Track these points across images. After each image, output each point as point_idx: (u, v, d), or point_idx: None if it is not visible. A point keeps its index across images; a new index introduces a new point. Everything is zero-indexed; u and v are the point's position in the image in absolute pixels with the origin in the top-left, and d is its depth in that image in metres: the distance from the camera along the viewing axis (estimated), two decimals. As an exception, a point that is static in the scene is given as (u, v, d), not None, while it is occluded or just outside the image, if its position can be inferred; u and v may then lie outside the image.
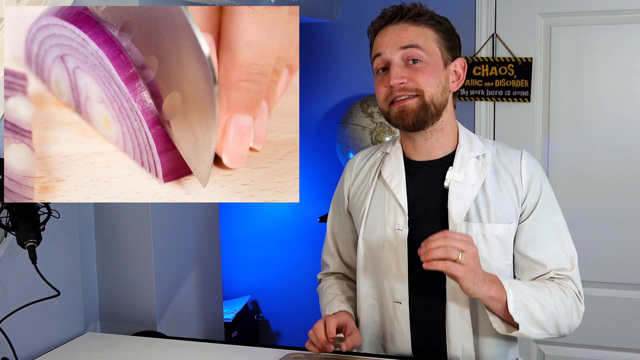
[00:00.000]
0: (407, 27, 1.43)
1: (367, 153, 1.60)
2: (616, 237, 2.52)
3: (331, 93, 2.91)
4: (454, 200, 1.43)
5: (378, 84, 1.45)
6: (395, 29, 1.43)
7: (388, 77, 1.41)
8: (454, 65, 1.46)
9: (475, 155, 1.46)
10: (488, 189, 1.44)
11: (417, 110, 1.40)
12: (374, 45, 1.47)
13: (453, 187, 1.44)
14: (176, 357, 1.52)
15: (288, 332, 3.15)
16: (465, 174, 1.44)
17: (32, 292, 1.46)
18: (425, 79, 1.40)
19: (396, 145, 1.53)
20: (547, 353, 2.64)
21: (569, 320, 1.42)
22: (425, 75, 1.40)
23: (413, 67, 1.41)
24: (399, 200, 1.46)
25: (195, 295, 2.01)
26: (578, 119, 2.54)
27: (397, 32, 1.42)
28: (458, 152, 1.47)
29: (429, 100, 1.40)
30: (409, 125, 1.42)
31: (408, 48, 1.41)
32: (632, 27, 2.45)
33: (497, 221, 1.43)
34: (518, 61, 2.56)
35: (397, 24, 1.43)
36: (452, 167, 1.45)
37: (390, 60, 1.42)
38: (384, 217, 1.47)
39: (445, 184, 1.44)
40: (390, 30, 1.43)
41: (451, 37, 1.46)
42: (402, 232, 1.44)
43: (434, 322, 1.45)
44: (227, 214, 3.10)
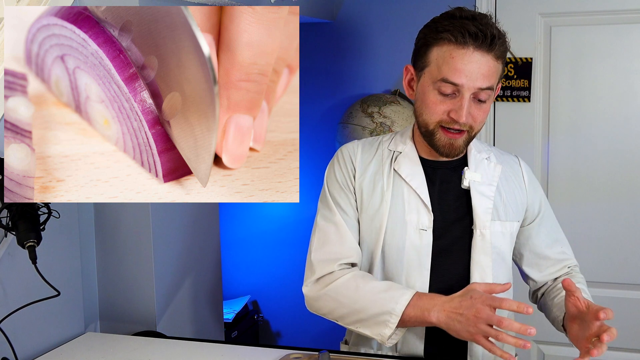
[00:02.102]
0: (489, 61, 1.33)
1: (369, 146, 1.53)
2: (616, 237, 2.52)
3: (331, 93, 2.91)
4: (477, 199, 1.45)
5: (437, 102, 1.36)
6: (480, 59, 1.32)
7: (454, 106, 1.35)
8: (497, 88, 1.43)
9: (485, 157, 1.50)
10: (501, 189, 1.48)
11: (463, 145, 1.41)
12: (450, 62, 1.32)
13: (474, 186, 1.45)
14: (176, 357, 1.52)
15: (288, 332, 3.15)
16: (482, 174, 1.47)
17: (32, 292, 1.46)
18: (483, 119, 1.38)
19: (409, 145, 1.49)
20: (547, 353, 2.64)
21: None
22: (484, 115, 1.38)
23: (479, 106, 1.36)
24: (424, 200, 1.44)
25: (196, 295, 2.01)
26: (578, 119, 2.54)
27: (480, 64, 1.32)
28: (471, 154, 1.49)
29: (474, 135, 1.42)
30: (452, 156, 1.42)
31: (484, 90, 1.34)
32: (632, 27, 2.45)
33: (512, 219, 1.48)
34: (518, 61, 2.56)
35: (480, 51, 1.32)
36: (468, 167, 1.47)
37: (462, 93, 1.34)
38: (404, 216, 1.45)
39: (465, 183, 1.45)
40: (475, 58, 1.32)
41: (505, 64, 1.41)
42: (427, 232, 1.43)
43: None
44: (227, 214, 3.10)
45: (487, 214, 1.44)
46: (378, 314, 1.36)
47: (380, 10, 2.78)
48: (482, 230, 1.43)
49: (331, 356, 1.41)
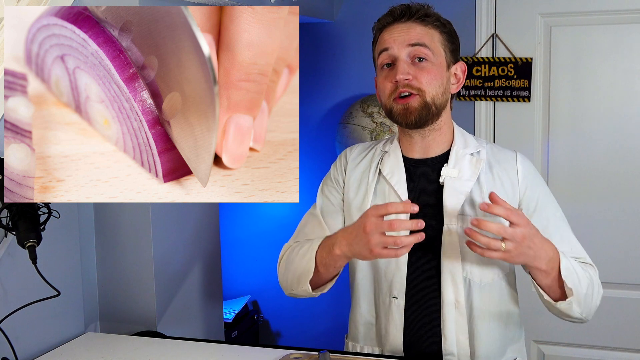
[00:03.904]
0: (415, 26, 1.45)
1: (366, 148, 1.61)
2: (616, 237, 2.52)
3: (331, 93, 2.91)
4: (448, 195, 1.45)
5: (383, 80, 1.47)
6: (403, 27, 1.46)
7: (394, 72, 1.44)
8: (455, 68, 1.50)
9: (469, 152, 1.50)
10: (483, 184, 1.47)
11: (419, 109, 1.43)
12: (380, 40, 1.48)
13: (448, 182, 1.47)
14: (176, 357, 1.52)
15: (288, 332, 3.15)
16: (460, 169, 1.48)
17: (32, 292, 1.46)
18: (429, 80, 1.43)
19: (394, 144, 1.55)
20: (547, 353, 2.64)
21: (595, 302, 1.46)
22: (429, 76, 1.43)
23: (419, 66, 1.44)
24: (401, 197, 1.47)
25: (195, 295, 2.01)
26: (578, 119, 2.54)
27: (405, 30, 1.45)
28: (453, 150, 1.50)
29: (430, 101, 1.43)
30: (411, 123, 1.45)
31: (416, 46, 1.44)
32: (632, 27, 2.45)
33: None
34: (518, 61, 2.56)
35: (405, 22, 1.46)
36: (447, 164, 1.48)
37: (397, 57, 1.44)
38: None
39: (441, 180, 1.47)
40: (398, 28, 1.46)
41: (454, 40, 1.50)
42: None
43: (428, 317, 1.46)
44: (227, 214, 3.10)
45: (455, 208, 1.44)
46: (304, 267, 1.45)
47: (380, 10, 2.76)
48: (449, 226, 1.44)
49: (331, 356, 1.41)
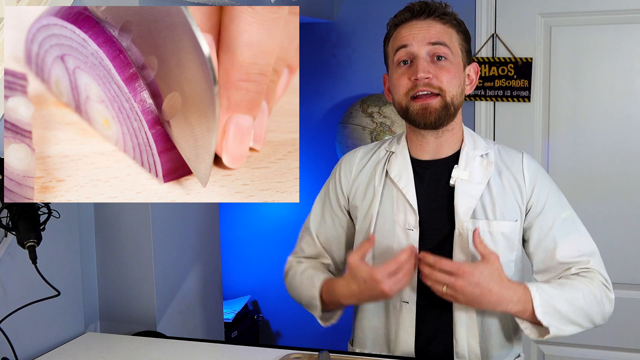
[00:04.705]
0: (434, 24, 1.42)
1: (368, 150, 1.58)
2: (616, 237, 2.52)
3: (331, 93, 2.91)
4: (460, 198, 1.43)
5: (399, 77, 1.43)
6: (423, 24, 1.42)
7: (412, 70, 1.40)
8: (469, 69, 1.48)
9: (479, 154, 1.47)
10: (493, 187, 1.45)
11: (439, 109, 1.40)
12: (397, 36, 1.44)
13: (459, 185, 1.44)
14: (176, 357, 1.52)
15: (288, 332, 3.15)
16: (471, 172, 1.45)
17: (32, 292, 1.46)
18: (450, 79, 1.40)
19: (401, 144, 1.52)
20: (547, 353, 2.64)
21: (601, 310, 1.42)
22: (449, 75, 1.40)
23: (439, 65, 1.40)
24: (409, 200, 1.45)
25: (195, 295, 2.01)
26: (578, 119, 2.54)
27: (425, 27, 1.41)
28: (463, 151, 1.47)
29: (450, 101, 1.41)
30: (430, 123, 1.41)
31: (436, 45, 1.40)
32: (632, 27, 2.45)
33: (503, 219, 1.44)
34: (518, 61, 2.56)
35: (424, 19, 1.42)
36: (458, 165, 1.45)
37: (416, 54, 1.40)
38: (393, 216, 1.46)
39: (451, 182, 1.44)
40: (417, 25, 1.42)
41: (469, 40, 1.47)
42: (413, 232, 1.44)
43: (439, 321, 1.45)
44: (227, 214, 3.10)
45: (466, 214, 1.42)
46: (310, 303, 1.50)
47: (380, 10, 2.78)
48: (460, 230, 1.42)
49: (331, 356, 1.41)
